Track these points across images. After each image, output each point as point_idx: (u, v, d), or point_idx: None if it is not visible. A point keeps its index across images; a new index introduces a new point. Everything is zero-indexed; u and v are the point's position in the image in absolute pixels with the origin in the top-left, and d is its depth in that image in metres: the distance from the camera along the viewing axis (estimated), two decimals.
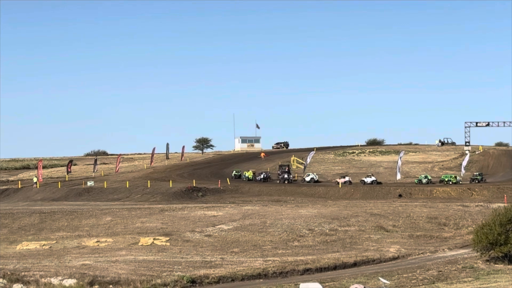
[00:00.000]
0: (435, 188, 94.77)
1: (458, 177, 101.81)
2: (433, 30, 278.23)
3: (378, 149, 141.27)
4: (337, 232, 67.27)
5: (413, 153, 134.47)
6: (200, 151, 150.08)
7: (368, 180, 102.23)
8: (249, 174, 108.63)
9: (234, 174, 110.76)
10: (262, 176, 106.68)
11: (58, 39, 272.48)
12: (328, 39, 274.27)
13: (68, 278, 49.19)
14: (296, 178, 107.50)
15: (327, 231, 67.41)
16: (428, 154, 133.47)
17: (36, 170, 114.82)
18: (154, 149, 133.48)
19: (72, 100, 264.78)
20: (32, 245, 62.99)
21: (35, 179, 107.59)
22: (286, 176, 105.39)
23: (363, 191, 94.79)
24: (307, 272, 53.37)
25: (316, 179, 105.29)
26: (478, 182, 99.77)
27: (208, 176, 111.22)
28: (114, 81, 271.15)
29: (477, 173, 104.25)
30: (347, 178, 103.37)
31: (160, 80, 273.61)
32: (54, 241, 64.21)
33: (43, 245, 63.03)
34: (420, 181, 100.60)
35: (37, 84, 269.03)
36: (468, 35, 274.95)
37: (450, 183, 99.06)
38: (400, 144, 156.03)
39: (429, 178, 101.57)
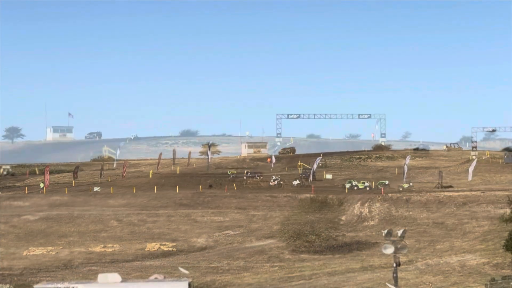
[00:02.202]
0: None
1: (366, 183, 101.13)
2: (446, 34, 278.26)
3: (385, 155, 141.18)
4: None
5: (420, 159, 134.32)
6: (206, 157, 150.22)
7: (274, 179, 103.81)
8: (231, 172, 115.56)
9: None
10: (231, 177, 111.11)
11: (66, 44, 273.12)
12: (335, 42, 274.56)
13: (75, 284, 49.20)
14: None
15: None
16: (435, 159, 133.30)
17: (43, 176, 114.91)
18: (160, 154, 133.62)
19: (80, 104, 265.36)
20: (39, 251, 63.09)
21: (42, 185, 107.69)
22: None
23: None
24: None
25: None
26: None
27: (214, 182, 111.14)
28: (122, 85, 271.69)
29: (382, 181, 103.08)
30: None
31: (168, 84, 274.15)
32: (61, 247, 64.31)
33: (50, 250, 63.13)
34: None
35: (44, 88, 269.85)
36: (479, 39, 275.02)
37: (356, 188, 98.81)
38: (407, 150, 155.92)
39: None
